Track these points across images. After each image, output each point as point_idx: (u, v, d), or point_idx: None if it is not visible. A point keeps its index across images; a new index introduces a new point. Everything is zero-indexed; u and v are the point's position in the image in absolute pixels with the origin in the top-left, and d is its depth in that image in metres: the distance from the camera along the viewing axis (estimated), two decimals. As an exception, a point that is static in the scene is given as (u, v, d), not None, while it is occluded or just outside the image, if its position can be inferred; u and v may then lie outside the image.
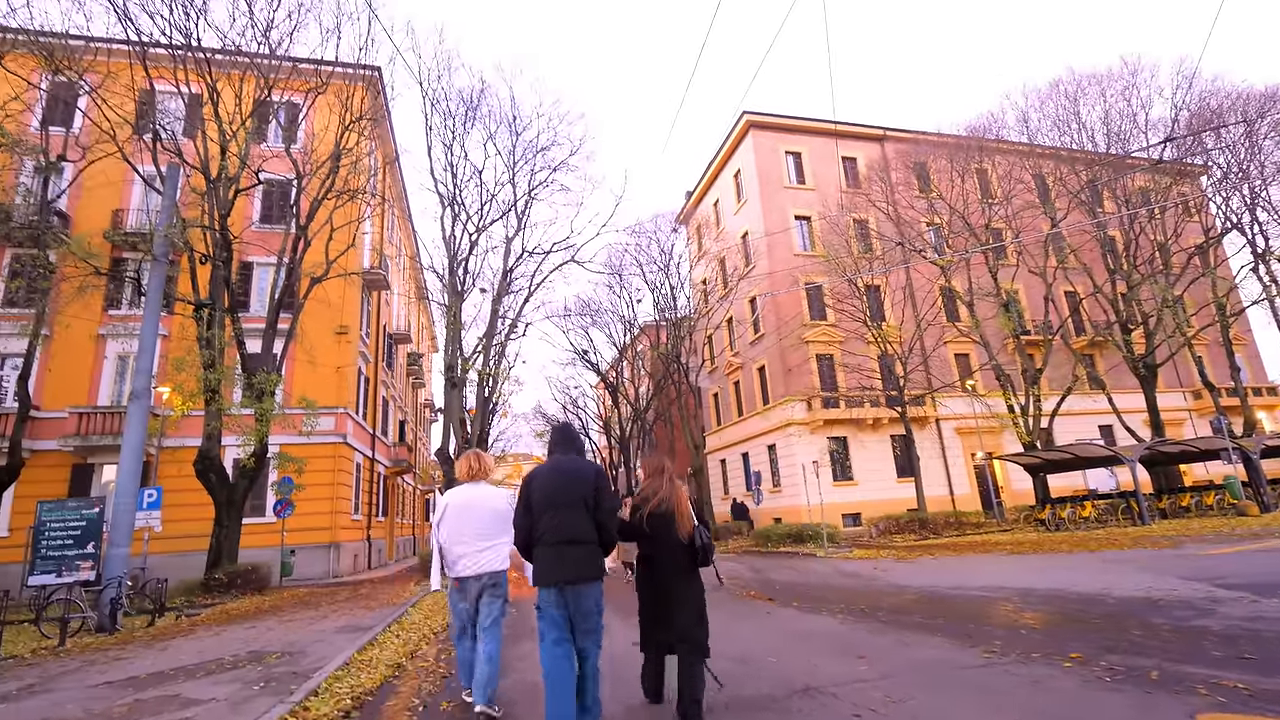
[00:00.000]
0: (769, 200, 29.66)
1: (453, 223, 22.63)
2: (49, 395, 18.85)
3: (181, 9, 15.29)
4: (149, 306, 12.12)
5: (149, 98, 15.51)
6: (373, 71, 21.02)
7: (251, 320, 19.62)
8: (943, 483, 26.79)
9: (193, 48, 15.36)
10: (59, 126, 18.14)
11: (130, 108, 15.52)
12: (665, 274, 32.37)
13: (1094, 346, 29.59)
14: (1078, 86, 23.46)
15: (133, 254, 19.32)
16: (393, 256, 31.02)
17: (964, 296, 24.87)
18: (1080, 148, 23.90)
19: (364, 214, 21.20)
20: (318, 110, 19.42)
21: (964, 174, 24.73)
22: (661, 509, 3.95)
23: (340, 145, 17.54)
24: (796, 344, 27.49)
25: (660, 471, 4.14)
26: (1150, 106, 22.70)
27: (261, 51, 16.41)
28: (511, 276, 23.86)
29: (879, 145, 31.35)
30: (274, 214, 22.16)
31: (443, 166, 22.82)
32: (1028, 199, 25.68)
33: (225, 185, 16.09)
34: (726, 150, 32.64)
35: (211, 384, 14.82)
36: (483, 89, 23.52)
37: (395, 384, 32.01)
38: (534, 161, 24.15)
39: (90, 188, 18.58)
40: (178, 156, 14.58)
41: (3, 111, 13.34)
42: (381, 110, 23.14)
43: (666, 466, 4.19)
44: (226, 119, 15.89)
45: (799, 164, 30.95)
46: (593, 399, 50.19)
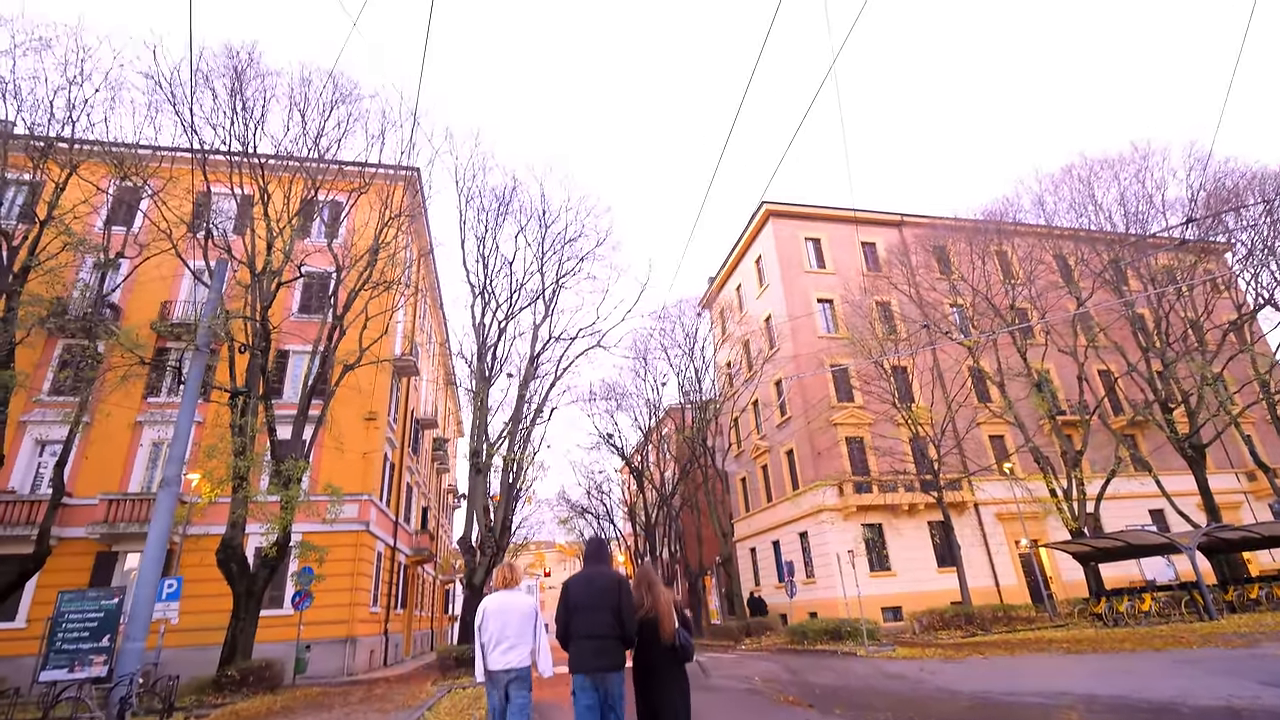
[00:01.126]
0: (790, 284, 30.12)
1: (483, 311, 23.28)
2: (82, 481, 19.13)
3: (241, 121, 16.68)
4: (187, 394, 12.42)
5: (205, 199, 16.65)
6: (412, 172, 22.37)
7: (284, 407, 19.98)
8: (987, 573, 25.33)
9: (248, 154, 16.60)
10: (120, 226, 19.44)
11: (187, 208, 16.65)
12: (689, 357, 32.57)
13: (1135, 426, 28.60)
14: (1090, 171, 23.96)
15: (176, 344, 20.09)
16: (423, 344, 31.80)
17: (994, 377, 24.47)
18: (1099, 228, 24.10)
19: (397, 303, 21.96)
20: (359, 208, 20.57)
21: (984, 256, 24.96)
22: (648, 616, 4.69)
23: (379, 240, 18.44)
24: (824, 427, 27.03)
25: (646, 585, 4.89)
26: (1165, 188, 23.00)
27: (311, 156, 17.63)
28: (538, 362, 24.19)
29: (897, 230, 32.01)
30: (312, 304, 23.05)
31: (475, 258, 23.75)
32: (1051, 279, 25.68)
33: (269, 279, 16.88)
34: (747, 238, 33.56)
35: (240, 471, 14.92)
36: (515, 186, 24.71)
37: (420, 469, 31.95)
38: (562, 252, 25.05)
39: (142, 282, 19.63)
40: (226, 252, 15.43)
41: (72, 214, 14.35)
42: (419, 207, 24.44)
43: (651, 580, 4.93)
44: (274, 217, 16.89)
45: (819, 249, 31.61)
46: (617, 484, 49.39)
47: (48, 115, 14.05)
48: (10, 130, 14.24)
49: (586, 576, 4.71)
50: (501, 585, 5.33)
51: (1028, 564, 25.83)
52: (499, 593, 5.24)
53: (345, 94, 18.34)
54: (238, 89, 16.60)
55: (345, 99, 18.32)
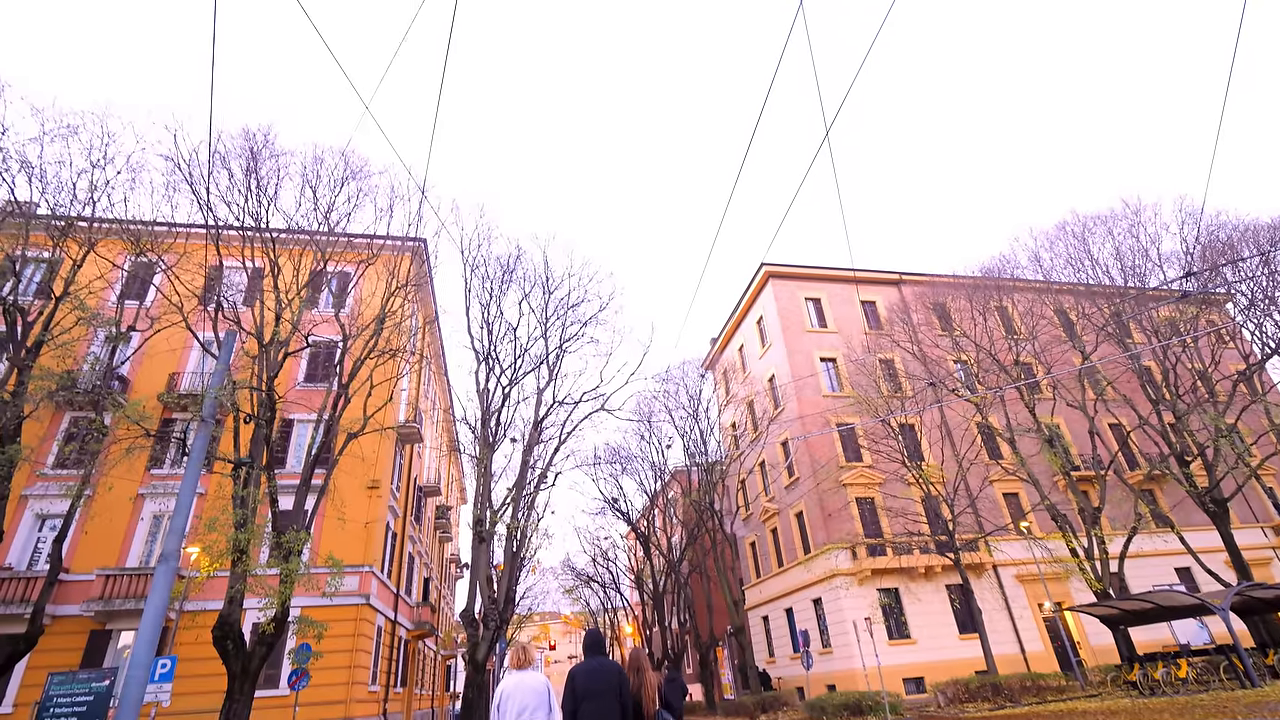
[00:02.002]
0: (793, 344, 30.27)
1: (487, 377, 23.39)
2: (80, 556, 18.80)
3: (255, 198, 17.29)
4: (191, 465, 12.33)
5: (216, 273, 17.06)
6: (419, 243, 22.98)
7: (286, 477, 19.83)
8: (1011, 639, 24.27)
9: (260, 229, 17.12)
10: (133, 300, 19.87)
11: (199, 282, 17.03)
12: (694, 419, 32.40)
13: (1152, 481, 28.00)
14: (1084, 227, 24.42)
15: (182, 415, 20.16)
16: (427, 410, 31.80)
17: (1003, 433, 24.19)
18: (1098, 283, 24.35)
19: (402, 371, 22.11)
20: (366, 278, 21.04)
21: (985, 312, 25.14)
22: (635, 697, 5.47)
23: (385, 309, 18.75)
24: (834, 488, 26.56)
25: (636, 668, 5.72)
26: (1160, 242, 23.35)
27: (321, 229, 18.18)
28: (542, 427, 24.10)
29: (896, 289, 32.40)
30: (318, 373, 23.22)
31: (479, 325, 24.05)
32: (1053, 334, 25.74)
33: (276, 349, 17.07)
34: (748, 299, 34.00)
35: (240, 544, 14.66)
36: (518, 254, 25.28)
37: (422, 539, 31.33)
38: (565, 317, 25.37)
39: (151, 354, 19.88)
40: (235, 324, 15.70)
41: (87, 290, 14.70)
42: (425, 276, 24.97)
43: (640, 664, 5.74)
44: (284, 289, 17.26)
45: (819, 309, 31.94)
46: (623, 550, 48.20)
47: (70, 196, 14.62)
48: (33, 211, 14.79)
49: (590, 667, 5.35)
50: (516, 665, 5.69)
51: (1053, 628, 24.77)
52: (515, 673, 5.60)
53: (356, 170, 19.06)
54: (253, 168, 17.29)
55: (356, 175, 19.03)
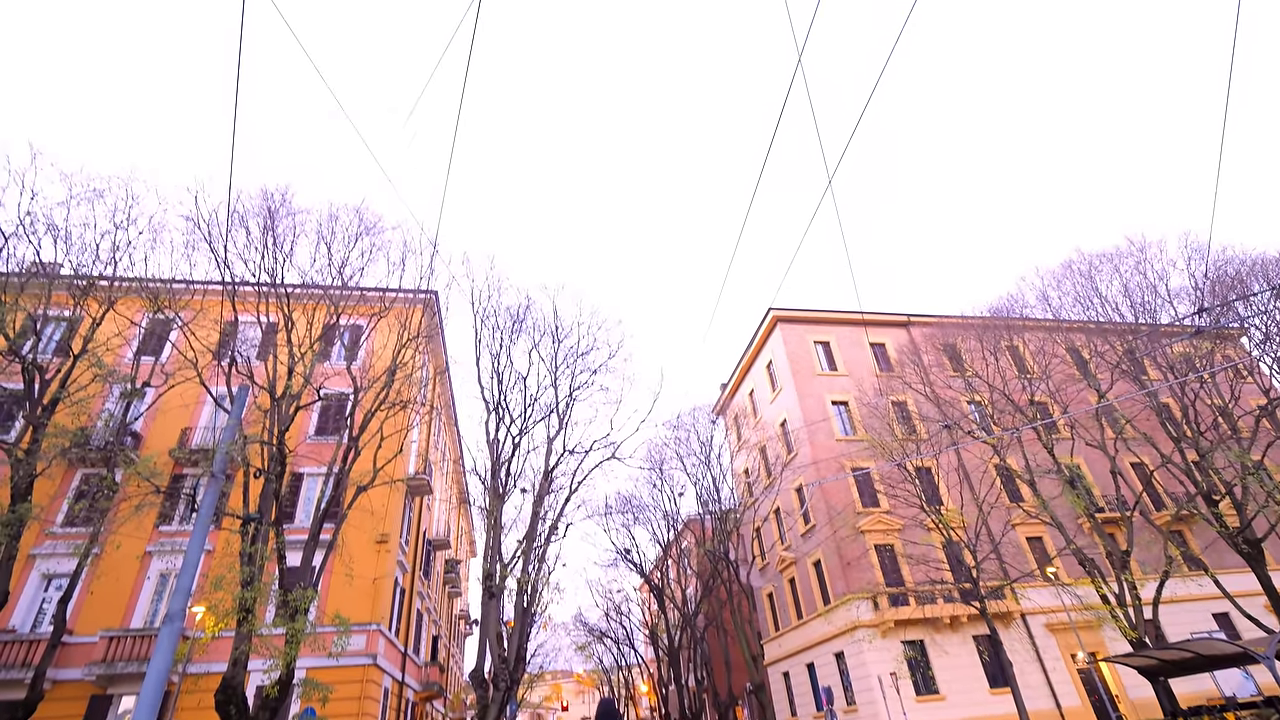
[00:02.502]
0: (803, 388, 30.11)
1: (497, 426, 23.31)
2: (84, 617, 18.46)
3: (271, 255, 17.68)
4: (199, 522, 12.20)
5: (231, 328, 17.31)
6: (430, 295, 23.30)
7: (294, 531, 19.61)
8: (1045, 693, 23.15)
9: (276, 285, 17.44)
10: (149, 355, 20.13)
11: (214, 337, 17.28)
12: (706, 466, 32.00)
13: (1180, 521, 27.16)
14: (1090, 265, 24.46)
15: (193, 470, 20.11)
16: (436, 462, 31.61)
17: (1022, 475, 23.67)
18: (1108, 320, 24.22)
19: (413, 422, 22.08)
20: (378, 330, 21.26)
21: (996, 352, 24.98)
22: None
23: (396, 361, 18.88)
24: (852, 534, 25.92)
25: None
26: (1168, 278, 23.30)
27: (335, 284, 18.49)
28: (553, 476, 23.86)
29: (905, 330, 32.37)
30: (329, 426, 23.23)
31: (489, 374, 24.12)
32: (1067, 372, 25.48)
33: (288, 402, 17.13)
34: (757, 344, 34.03)
35: (246, 602, 14.37)
36: (528, 304, 25.57)
37: (431, 594, 30.65)
38: (575, 365, 25.44)
39: (165, 410, 20.00)
40: (248, 378, 15.81)
41: (104, 347, 14.91)
42: (436, 328, 25.23)
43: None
44: (297, 343, 17.45)
45: (829, 352, 31.88)
46: (637, 603, 46.94)
47: (93, 256, 15.02)
48: (56, 272, 15.17)
49: None
50: None
51: (1089, 681, 23.64)
52: None
53: (370, 226, 19.52)
54: (270, 226, 17.76)
55: (370, 231, 19.48)
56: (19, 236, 14.31)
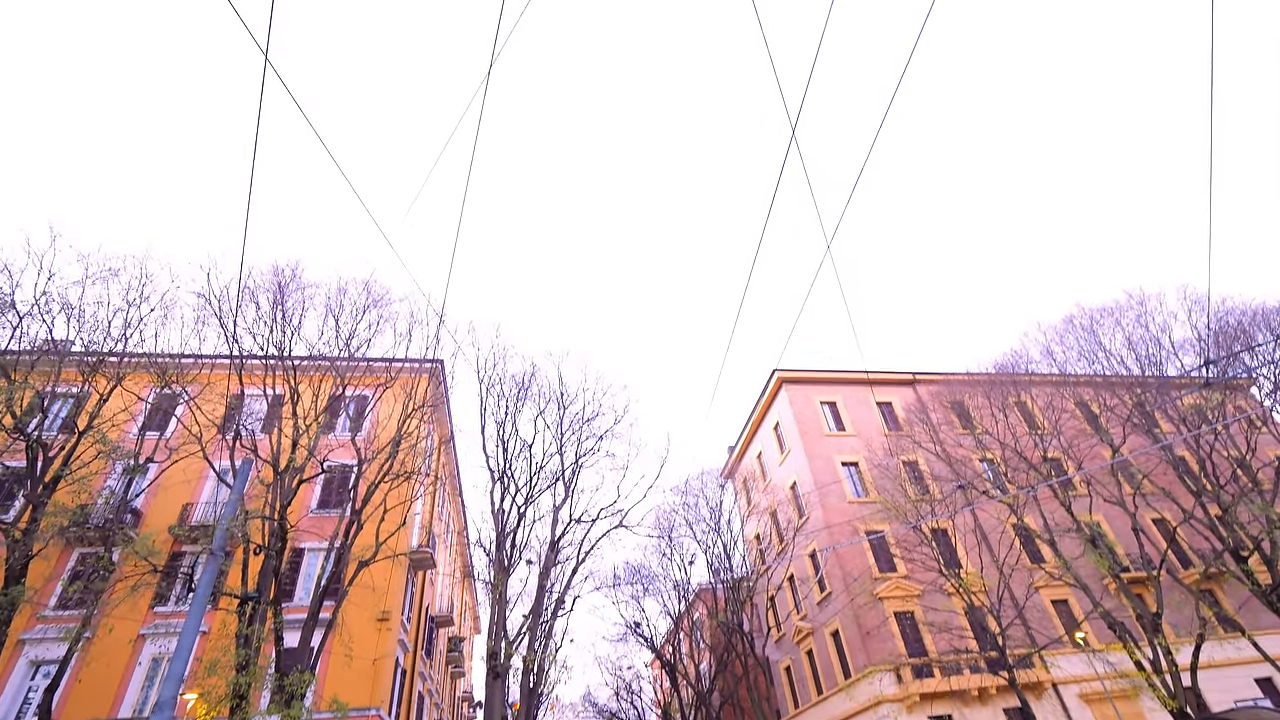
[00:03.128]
0: (812, 449, 29.74)
1: (502, 496, 22.96)
2: (70, 707, 17.63)
3: (280, 328, 17.92)
4: (196, 601, 11.83)
5: (237, 402, 17.35)
6: (436, 364, 23.44)
7: (293, 610, 18.98)
8: (1087, 772, 21.67)
9: (283, 358, 17.59)
10: (153, 431, 20.08)
11: (219, 411, 17.28)
12: (716, 532, 31.25)
13: (1210, 580, 26.14)
14: (1091, 319, 24.59)
15: (192, 547, 19.70)
16: (440, 534, 30.96)
17: (1041, 534, 22.99)
18: (1115, 374, 24.12)
19: (417, 493, 21.76)
20: (383, 401, 21.26)
21: (1004, 409, 24.78)
22: None
23: (401, 432, 18.78)
24: (870, 602, 24.98)
25: None
26: (1170, 330, 23.35)
27: (342, 355, 18.64)
28: (559, 547, 23.32)
29: (911, 389, 32.25)
30: (331, 499, 22.89)
31: (495, 443, 23.96)
32: (1078, 427, 25.17)
33: (291, 475, 16.96)
34: (763, 405, 33.87)
35: (241, 688, 13.76)
36: (533, 371, 25.69)
37: (433, 675, 29.34)
38: (580, 431, 25.29)
39: (166, 486, 19.78)
40: (253, 452, 15.72)
41: (110, 423, 14.90)
42: (441, 397, 25.23)
43: None
44: (302, 415, 17.43)
45: (835, 412, 31.67)
46: (648, 680, 44.81)
47: (104, 334, 15.23)
48: (67, 349, 15.35)
49: None
50: None
51: (1133, 758, 22.18)
52: None
53: (378, 299, 19.86)
54: (279, 300, 18.09)
55: (377, 303, 19.82)
56: (33, 316, 14.58)
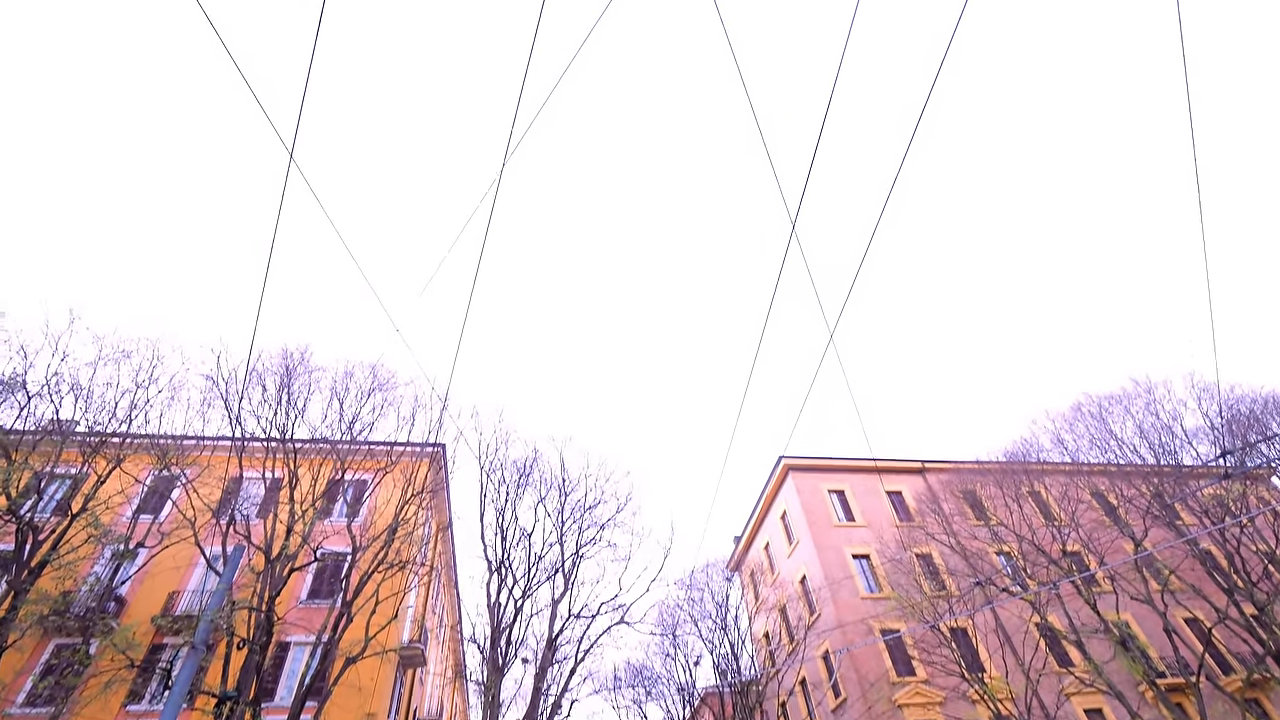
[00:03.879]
0: (821, 540, 28.77)
1: (499, 589, 22.06)
2: (24, 825, 16.26)
3: (284, 411, 17.96)
4: (170, 701, 11.14)
5: (235, 485, 17.12)
6: (437, 448, 23.25)
7: (274, 711, 17.85)
8: None
9: (285, 440, 17.52)
10: (147, 514, 19.70)
11: (216, 495, 17.02)
12: (723, 630, 29.68)
13: (1255, 687, 24.35)
14: (1100, 407, 24.38)
15: (174, 639, 18.82)
16: (433, 628, 29.57)
17: (1067, 635, 21.73)
18: (1128, 462, 23.62)
19: (411, 584, 20.99)
20: (382, 485, 20.94)
21: (1018, 499, 24.12)
22: None
23: (399, 518, 18.37)
24: (888, 710, 23.30)
25: None
26: (1181, 419, 23.05)
27: (344, 439, 18.56)
28: (557, 644, 22.14)
29: (921, 477, 31.58)
30: (322, 589, 22.07)
31: (493, 531, 23.28)
32: (1096, 518, 24.38)
33: (283, 563, 16.45)
34: (769, 494, 33.12)
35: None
36: (535, 457, 25.40)
37: (419, 790, 27.09)
38: (582, 520, 24.66)
39: (155, 572, 19.19)
40: (245, 539, 15.32)
41: (104, 505, 14.67)
42: (442, 482, 24.85)
43: None
44: (299, 500, 17.14)
45: (844, 501, 30.89)
46: (652, 800, 41.19)
47: (110, 415, 15.29)
48: (72, 429, 15.36)
49: None
50: None
51: None
52: None
53: (383, 382, 20.02)
54: (285, 384, 18.24)
55: (382, 387, 19.95)
56: (42, 396, 14.71)
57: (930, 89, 5.53)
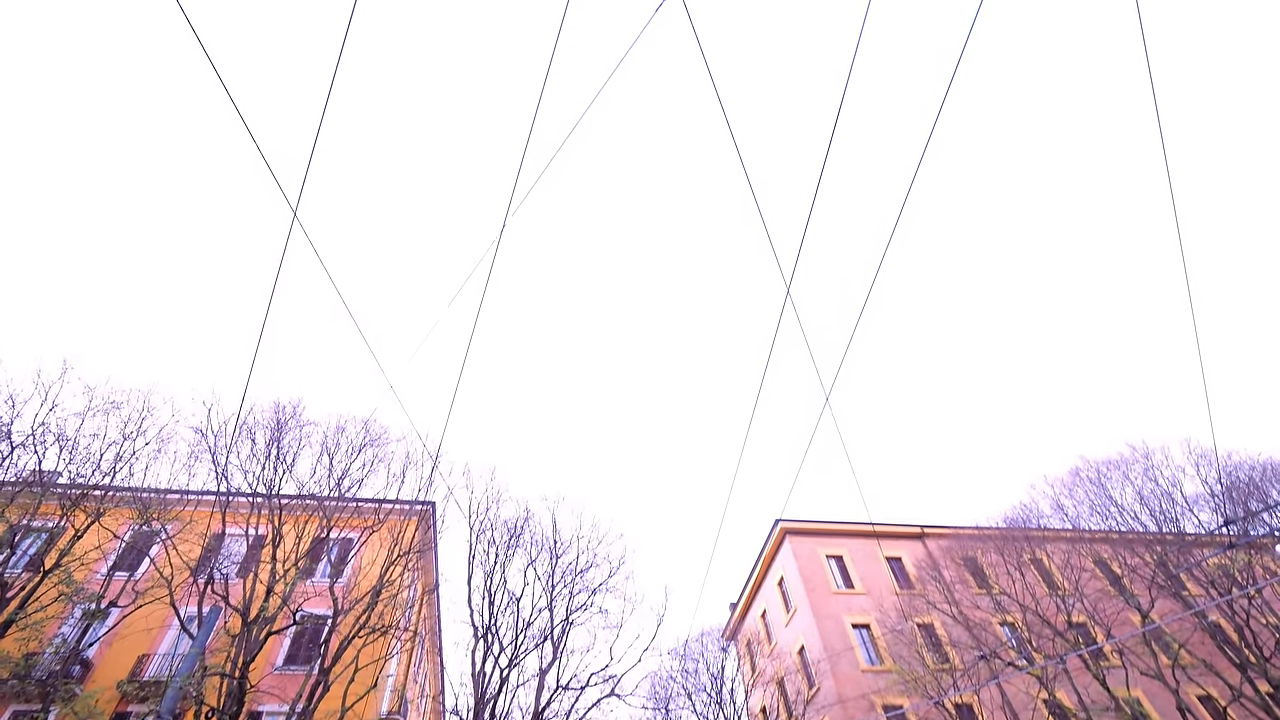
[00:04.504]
0: (819, 608, 27.88)
1: (484, 657, 21.14)
2: None
3: (272, 466, 17.64)
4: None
5: (216, 542, 16.62)
6: (427, 506, 22.75)
7: (239, 790, 16.68)
8: None
9: (271, 496, 17.14)
10: (123, 571, 19.00)
11: (196, 552, 16.49)
12: (719, 705, 28.32)
13: (1277, 775, 23.16)
14: (1098, 472, 24.18)
15: (139, 707, 17.81)
16: (413, 698, 28.15)
17: (1076, 712, 20.82)
18: (1130, 529, 23.25)
19: (392, 650, 20.11)
20: (368, 545, 20.37)
21: (1020, 566, 23.58)
22: None
23: (383, 580, 17.77)
24: (893, 793, 22.01)
25: None
26: (1180, 485, 22.85)
27: (331, 495, 18.18)
28: (544, 717, 21.02)
29: (920, 542, 30.94)
30: (300, 654, 21.10)
31: (480, 594, 22.51)
32: (1100, 588, 23.77)
33: (260, 626, 15.79)
34: (765, 558, 32.32)
35: None
36: (527, 517, 24.89)
37: None
38: (572, 584, 23.93)
39: (125, 634, 18.37)
40: (223, 599, 14.77)
41: (79, 561, 14.19)
42: (429, 542, 24.19)
43: None
44: (282, 559, 16.61)
45: (843, 567, 30.12)
46: None
47: (94, 467, 14.98)
48: (53, 481, 15.02)
49: None
50: None
51: None
52: None
53: (374, 438, 19.78)
54: (276, 438, 18.00)
55: (373, 443, 19.69)
56: (25, 447, 14.45)
57: (923, 150, 5.74)
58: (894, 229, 6.56)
